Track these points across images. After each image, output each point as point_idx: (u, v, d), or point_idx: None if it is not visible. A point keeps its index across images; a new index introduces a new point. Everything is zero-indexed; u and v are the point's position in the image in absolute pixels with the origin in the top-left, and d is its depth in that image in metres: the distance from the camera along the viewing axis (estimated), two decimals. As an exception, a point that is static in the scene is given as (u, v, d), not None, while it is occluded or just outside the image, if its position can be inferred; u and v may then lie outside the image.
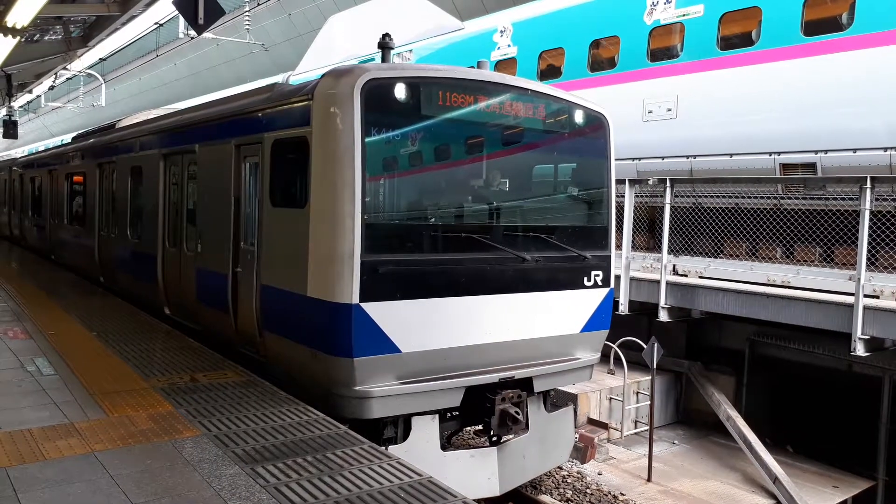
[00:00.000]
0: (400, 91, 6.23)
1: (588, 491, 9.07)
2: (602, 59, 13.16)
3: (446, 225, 6.86)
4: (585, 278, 7.48)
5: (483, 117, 6.91)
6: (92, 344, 7.89)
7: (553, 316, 7.27)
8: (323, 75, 6.40)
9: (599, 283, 7.59)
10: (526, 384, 7.23)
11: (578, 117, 7.59)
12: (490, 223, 7.11)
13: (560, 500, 8.74)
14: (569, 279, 7.36)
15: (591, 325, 7.61)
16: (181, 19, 22.14)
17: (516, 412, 6.95)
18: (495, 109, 6.93)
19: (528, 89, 7.19)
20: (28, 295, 11.16)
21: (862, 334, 8.13)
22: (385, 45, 6.95)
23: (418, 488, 4.42)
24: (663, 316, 10.41)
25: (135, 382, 6.45)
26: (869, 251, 8.28)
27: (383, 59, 7.00)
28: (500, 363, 6.95)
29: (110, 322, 9.11)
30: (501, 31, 15.06)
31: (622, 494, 9.05)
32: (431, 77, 6.61)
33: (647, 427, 10.20)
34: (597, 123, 7.74)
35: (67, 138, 22.83)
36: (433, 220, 6.81)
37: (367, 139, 6.01)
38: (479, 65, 7.49)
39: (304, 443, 5.11)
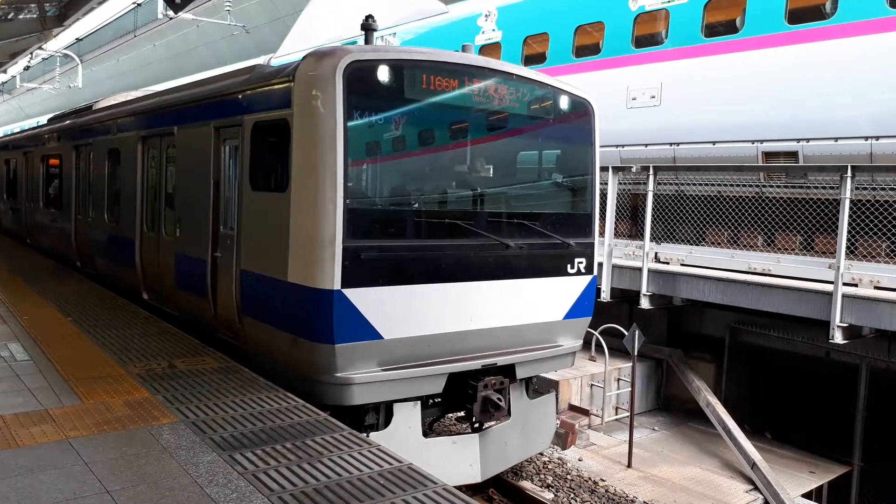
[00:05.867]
0: (383, 73, 6.14)
1: (568, 477, 9.12)
2: (587, 45, 13.10)
3: (429, 211, 6.80)
4: (569, 265, 7.47)
5: (467, 101, 6.83)
6: (68, 329, 7.75)
7: (536, 303, 7.25)
8: (304, 56, 6.28)
9: (583, 271, 7.59)
10: (508, 371, 7.22)
11: (564, 103, 7.55)
12: (474, 209, 7.06)
13: (540, 486, 8.77)
14: (552, 266, 7.34)
15: (573, 313, 7.61)
16: (160, -1, 21.76)
17: (498, 399, 6.95)
18: (480, 94, 6.85)
19: (513, 74, 7.11)
20: (2, 279, 10.95)
21: (840, 322, 8.20)
22: (368, 26, 6.80)
23: (398, 475, 4.38)
24: (645, 303, 10.45)
25: (111, 368, 6.35)
26: (848, 239, 8.34)
27: (366, 41, 6.87)
28: (482, 350, 6.93)
29: (87, 307, 8.97)
30: (486, 16, 14.94)
31: (602, 480, 9.11)
32: (415, 60, 6.52)
33: (628, 413, 10.26)
34: (582, 109, 7.70)
35: (43, 120, 22.40)
36: (416, 205, 6.75)
37: (349, 122, 5.92)
38: (464, 49, 7.40)
39: (284, 429, 5.05)
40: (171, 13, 21.34)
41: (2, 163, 19.59)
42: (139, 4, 29.33)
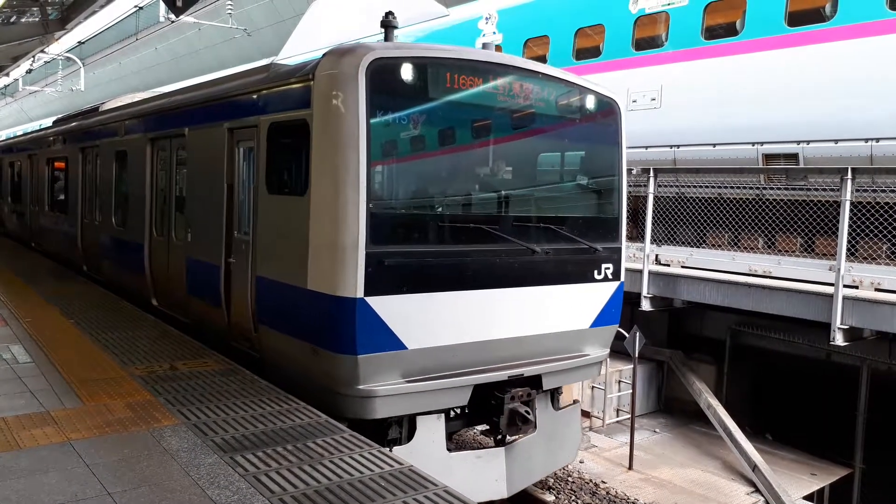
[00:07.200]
0: (407, 71, 5.89)
1: (570, 479, 9.12)
2: (587, 48, 13.12)
3: (454, 215, 6.55)
4: (596, 271, 7.18)
5: (493, 100, 6.59)
6: (70, 332, 7.78)
7: (563, 310, 6.98)
8: (325, 54, 6.01)
9: (610, 277, 7.29)
10: (534, 381, 6.94)
11: (590, 102, 7.28)
12: (500, 213, 6.81)
13: (542, 489, 8.78)
14: (579, 272, 7.04)
15: (601, 320, 7.34)
16: (161, 2, 21.83)
17: (527, 411, 6.67)
18: (505, 92, 6.60)
19: (539, 72, 6.87)
20: (5, 282, 10.99)
21: (841, 324, 8.20)
22: (388, 23, 6.35)
23: (399, 476, 4.40)
24: (646, 305, 10.45)
25: (113, 370, 6.37)
26: (849, 241, 8.35)
27: (386, 39, 6.39)
28: (508, 360, 6.64)
29: (89, 310, 8.99)
30: (487, 19, 14.97)
31: (603, 482, 9.11)
32: (440, 57, 6.23)
33: (629, 415, 10.26)
34: (608, 109, 7.44)
35: (47, 122, 22.45)
36: (441, 209, 6.49)
37: (372, 122, 5.68)
38: (485, 46, 7.17)
39: (285, 431, 5.07)
40: (172, 16, 21.42)
41: (6, 165, 19.64)
42: (141, 8, 29.44)
